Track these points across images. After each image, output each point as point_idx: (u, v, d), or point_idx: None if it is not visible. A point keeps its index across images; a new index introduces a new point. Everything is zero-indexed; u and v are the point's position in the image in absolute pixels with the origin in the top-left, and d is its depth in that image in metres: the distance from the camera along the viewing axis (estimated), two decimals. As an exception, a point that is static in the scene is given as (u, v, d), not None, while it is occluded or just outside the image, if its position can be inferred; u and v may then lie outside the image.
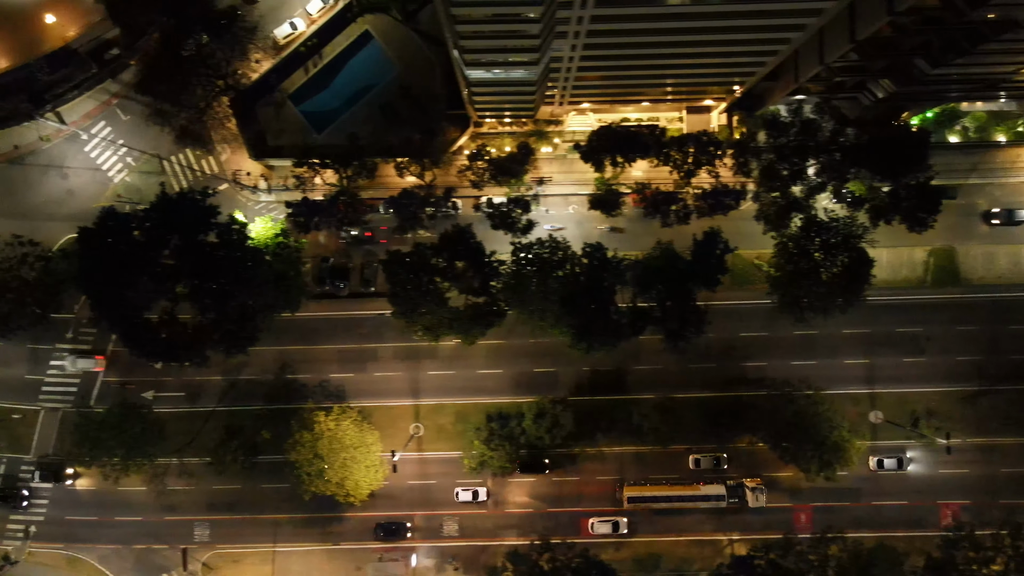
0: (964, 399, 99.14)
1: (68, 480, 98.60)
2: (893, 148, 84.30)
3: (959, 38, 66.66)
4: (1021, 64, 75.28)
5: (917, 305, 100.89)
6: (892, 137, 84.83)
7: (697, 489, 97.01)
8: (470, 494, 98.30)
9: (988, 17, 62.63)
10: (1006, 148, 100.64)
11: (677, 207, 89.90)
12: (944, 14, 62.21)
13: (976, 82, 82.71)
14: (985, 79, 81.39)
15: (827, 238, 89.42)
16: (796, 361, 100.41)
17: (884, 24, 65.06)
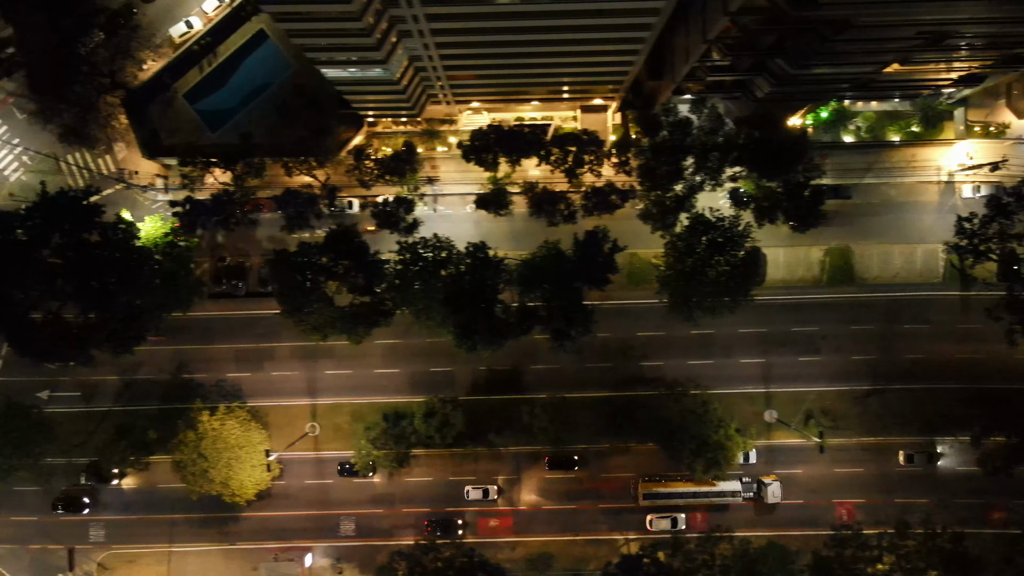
0: (857, 398, 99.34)
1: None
2: (772, 147, 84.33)
3: (808, 38, 66.68)
4: (880, 63, 75.35)
5: (813, 304, 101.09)
6: (771, 137, 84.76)
7: (713, 485, 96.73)
8: (480, 492, 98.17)
9: (821, 17, 62.53)
10: (900, 148, 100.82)
11: (561, 206, 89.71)
12: (777, 14, 62.16)
13: (847, 81, 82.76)
14: (855, 79, 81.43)
15: (714, 237, 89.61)
16: (693, 360, 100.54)
17: (729, 23, 65.08)
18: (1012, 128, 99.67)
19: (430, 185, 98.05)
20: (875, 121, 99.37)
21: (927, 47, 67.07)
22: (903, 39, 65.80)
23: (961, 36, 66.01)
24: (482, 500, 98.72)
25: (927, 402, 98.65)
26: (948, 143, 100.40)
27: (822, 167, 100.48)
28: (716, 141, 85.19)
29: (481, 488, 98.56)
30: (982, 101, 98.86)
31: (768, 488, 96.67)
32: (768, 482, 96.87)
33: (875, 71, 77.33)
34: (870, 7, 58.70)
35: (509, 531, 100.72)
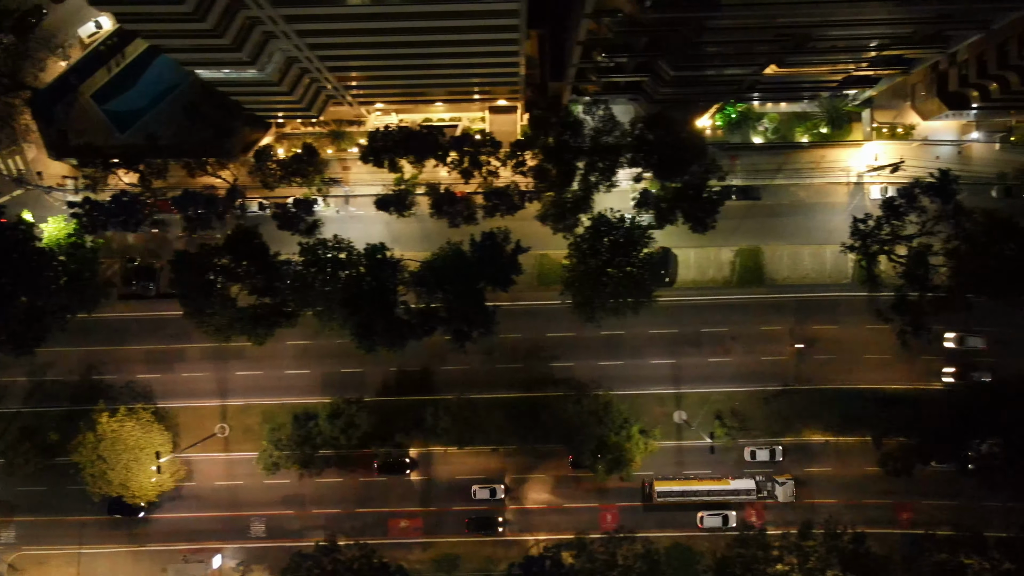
0: (766, 399, 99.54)
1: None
2: (668, 148, 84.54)
3: (675, 41, 66.85)
4: (755, 65, 75.51)
5: (724, 305, 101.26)
6: (667, 138, 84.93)
7: (727, 483, 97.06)
8: (487, 492, 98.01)
9: (668, 19, 62.40)
10: (809, 149, 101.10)
11: (460, 207, 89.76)
12: (633, 17, 62.31)
13: (731, 83, 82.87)
14: (737, 80, 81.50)
15: (616, 238, 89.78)
16: (603, 361, 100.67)
17: (593, 25, 65.14)
18: (918, 130, 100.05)
19: (336, 186, 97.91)
20: (780, 122, 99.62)
21: (794, 50, 67.28)
22: (766, 42, 65.98)
23: (825, 39, 66.22)
24: (489, 499, 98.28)
25: (835, 402, 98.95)
26: (856, 144, 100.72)
27: (732, 168, 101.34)
28: (607, 142, 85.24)
29: (488, 488, 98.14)
30: (889, 102, 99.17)
31: (780, 487, 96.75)
32: (782, 481, 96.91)
33: (754, 73, 77.44)
34: (718, 9, 58.86)
35: (420, 532, 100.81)
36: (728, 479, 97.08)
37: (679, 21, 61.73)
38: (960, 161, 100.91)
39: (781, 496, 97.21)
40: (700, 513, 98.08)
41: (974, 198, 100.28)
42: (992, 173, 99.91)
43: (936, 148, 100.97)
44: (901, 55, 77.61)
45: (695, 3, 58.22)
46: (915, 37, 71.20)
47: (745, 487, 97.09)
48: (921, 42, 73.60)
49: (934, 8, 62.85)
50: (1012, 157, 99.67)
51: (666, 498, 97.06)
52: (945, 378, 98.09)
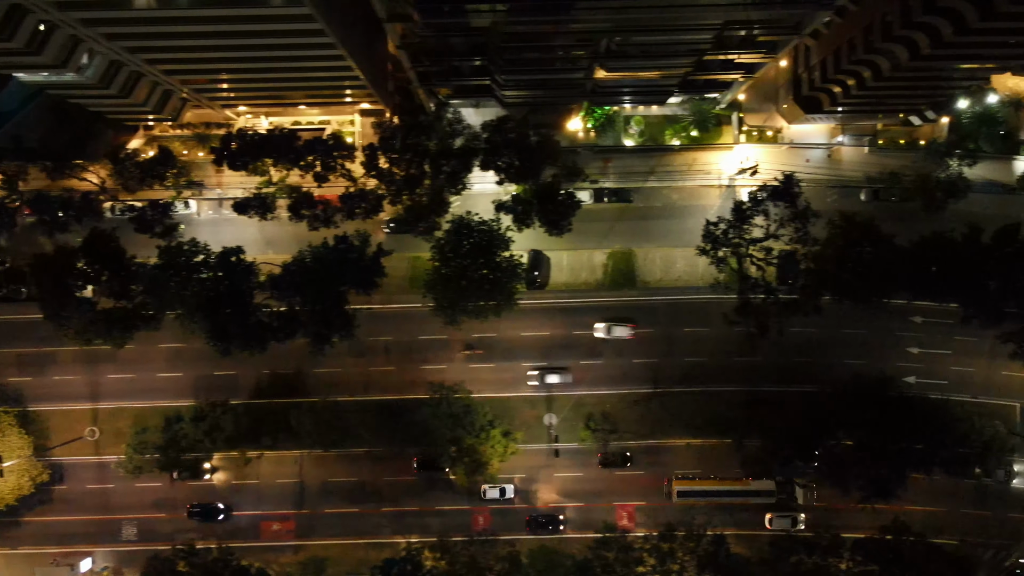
0: (637, 401, 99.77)
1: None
2: (520, 152, 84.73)
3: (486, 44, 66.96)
4: (582, 69, 75.54)
5: (596, 308, 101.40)
6: (518, 141, 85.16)
7: (747, 484, 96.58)
8: (497, 492, 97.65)
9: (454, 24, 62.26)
10: (681, 152, 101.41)
11: (313, 210, 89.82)
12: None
13: (576, 86, 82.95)
14: (582, 84, 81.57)
15: (477, 240, 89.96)
16: (475, 364, 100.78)
17: (401, 28, 65.20)
18: (786, 133, 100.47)
19: (199, 189, 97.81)
20: (651, 125, 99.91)
21: (610, 55, 67.51)
22: (571, 46, 66.22)
23: (634, 44, 66.34)
24: (499, 499, 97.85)
25: (706, 405, 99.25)
26: (727, 148, 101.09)
27: (605, 171, 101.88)
28: (455, 146, 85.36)
29: (498, 487, 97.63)
30: (760, 106, 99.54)
31: (800, 490, 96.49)
32: (802, 484, 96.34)
33: (586, 76, 77.34)
34: (501, 13, 58.93)
35: (292, 535, 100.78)
36: (748, 480, 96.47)
37: (461, 28, 61.92)
38: (829, 164, 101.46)
39: (801, 499, 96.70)
40: (768, 514, 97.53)
41: (844, 201, 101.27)
42: (861, 176, 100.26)
43: (807, 151, 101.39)
44: (733, 60, 77.95)
45: (456, 10, 58.30)
46: (730, 42, 71.45)
47: (766, 489, 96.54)
48: (741, 47, 73.88)
49: (721, 15, 62.95)
50: (880, 160, 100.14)
51: (685, 498, 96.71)
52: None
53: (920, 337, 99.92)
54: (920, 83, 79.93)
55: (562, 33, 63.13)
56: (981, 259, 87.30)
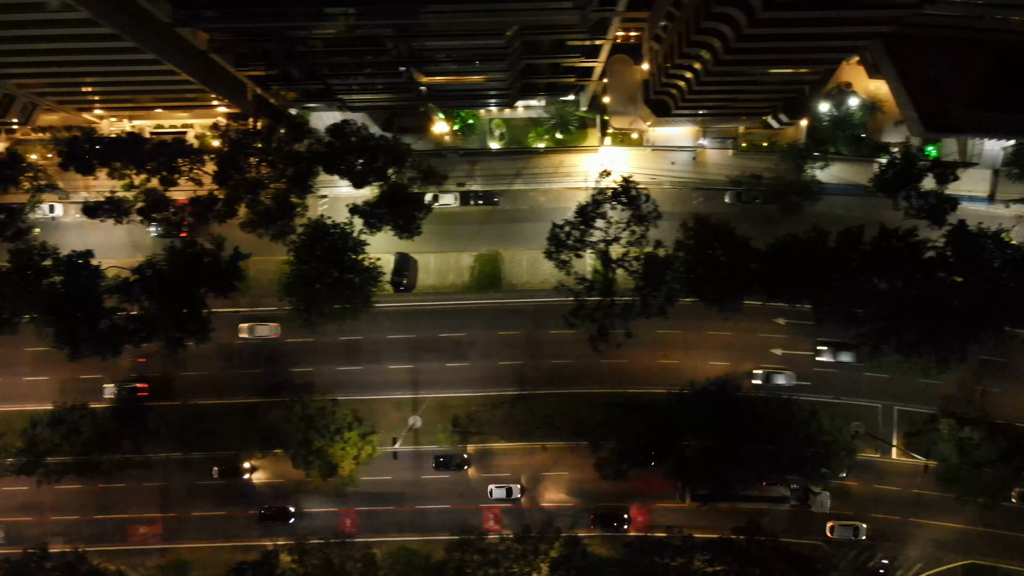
0: (503, 403, 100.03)
1: None
2: (360, 155, 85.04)
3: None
4: (397, 74, 75.45)
5: (463, 310, 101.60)
6: (364, 145, 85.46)
7: (763, 489, 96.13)
8: (504, 491, 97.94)
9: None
10: (547, 154, 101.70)
11: (164, 215, 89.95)
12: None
13: (410, 91, 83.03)
14: (417, 87, 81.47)
15: (332, 243, 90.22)
16: (342, 367, 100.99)
17: (204, 35, 65.48)
18: (650, 135, 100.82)
19: (61, 192, 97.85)
20: (512, 127, 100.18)
21: (417, 60, 67.88)
22: (358, 51, 66.36)
23: (426, 49, 66.35)
24: (506, 498, 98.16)
25: (571, 407, 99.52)
26: (592, 150, 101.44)
27: (471, 173, 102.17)
28: (293, 150, 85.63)
29: (504, 487, 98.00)
30: (625, 108, 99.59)
31: (816, 497, 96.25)
32: (817, 491, 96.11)
33: (407, 81, 77.16)
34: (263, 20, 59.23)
35: (159, 539, 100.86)
36: (764, 484, 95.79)
37: (254, 33, 62.11)
38: (695, 167, 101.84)
39: (815, 507, 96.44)
40: (830, 523, 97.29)
41: (709, 203, 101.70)
42: (726, 178, 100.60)
43: (673, 154, 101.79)
44: (561, 64, 78.33)
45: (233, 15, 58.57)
46: (542, 47, 71.65)
47: (780, 495, 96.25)
48: (556, 52, 74.12)
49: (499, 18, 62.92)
50: (744, 162, 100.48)
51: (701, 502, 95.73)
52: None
53: (783, 339, 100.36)
54: (744, 86, 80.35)
55: (349, 38, 63.35)
56: (828, 261, 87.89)
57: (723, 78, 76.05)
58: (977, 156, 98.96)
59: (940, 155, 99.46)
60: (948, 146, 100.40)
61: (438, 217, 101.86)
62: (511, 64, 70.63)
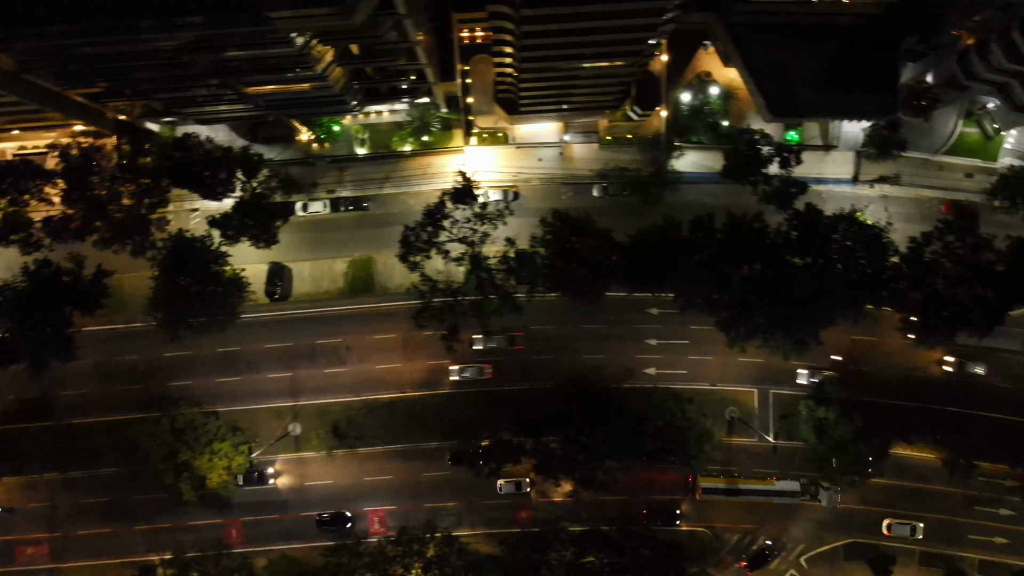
0: (383, 406, 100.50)
1: None
2: (196, 167, 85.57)
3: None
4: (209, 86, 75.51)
5: (338, 316, 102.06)
6: (197, 157, 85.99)
7: (772, 483, 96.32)
8: (513, 486, 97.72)
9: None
10: (413, 157, 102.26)
11: (24, 235, 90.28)
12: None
13: (245, 101, 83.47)
14: (256, 99, 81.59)
15: (193, 257, 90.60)
16: (221, 378, 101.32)
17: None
18: (516, 133, 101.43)
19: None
20: (378, 132, 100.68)
21: (225, 72, 68.46)
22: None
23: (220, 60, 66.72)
24: (515, 493, 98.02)
25: (449, 406, 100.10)
26: (458, 151, 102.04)
27: (341, 180, 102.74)
28: (137, 164, 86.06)
29: (514, 481, 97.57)
30: (489, 108, 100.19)
31: (825, 492, 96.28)
32: (827, 487, 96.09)
33: (237, 94, 77.39)
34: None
35: (46, 558, 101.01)
36: (773, 479, 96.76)
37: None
38: (562, 162, 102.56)
39: (825, 501, 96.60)
40: (887, 520, 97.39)
41: (578, 197, 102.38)
42: (592, 172, 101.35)
43: (540, 150, 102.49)
44: (387, 69, 79.04)
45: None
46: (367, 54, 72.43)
47: (790, 488, 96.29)
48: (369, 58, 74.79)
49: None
50: (610, 155, 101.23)
51: (710, 495, 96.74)
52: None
53: (658, 328, 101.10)
54: (569, 80, 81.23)
55: (144, 53, 63.79)
56: (681, 250, 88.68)
57: (540, 74, 76.88)
58: (836, 139, 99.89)
59: (803, 139, 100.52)
60: (811, 130, 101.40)
61: (310, 225, 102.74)
62: (326, 70, 71.08)
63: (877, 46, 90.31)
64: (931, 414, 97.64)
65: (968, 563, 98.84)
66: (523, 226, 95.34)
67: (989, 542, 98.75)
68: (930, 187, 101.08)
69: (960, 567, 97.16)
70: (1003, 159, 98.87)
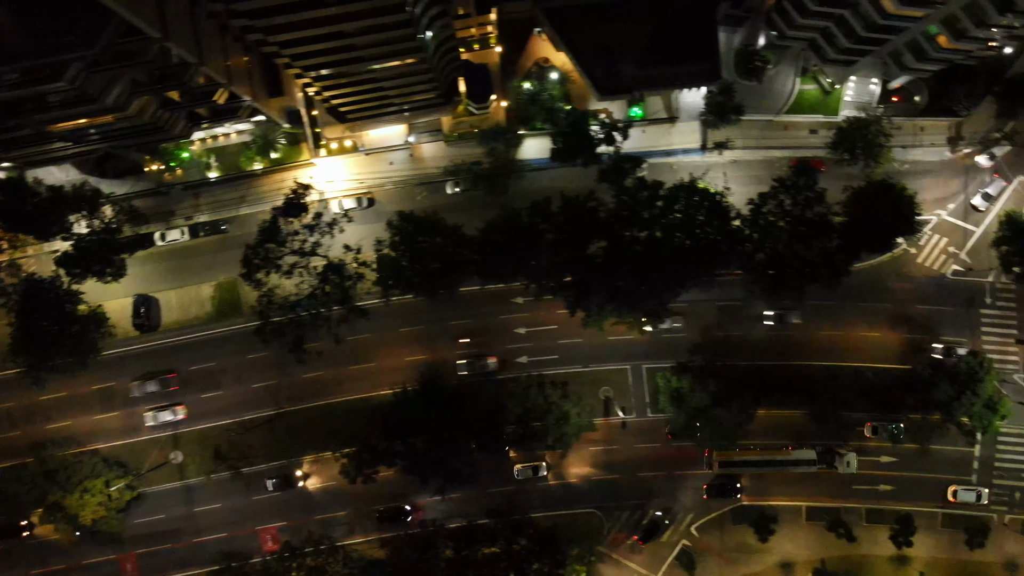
0: (263, 424, 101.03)
1: None
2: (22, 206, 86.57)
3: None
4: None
5: (210, 340, 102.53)
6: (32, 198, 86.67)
7: (787, 453, 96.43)
8: (530, 471, 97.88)
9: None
10: (265, 175, 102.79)
11: None
12: None
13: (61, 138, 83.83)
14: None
15: (51, 300, 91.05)
16: (100, 415, 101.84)
17: None
18: (366, 140, 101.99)
19: None
20: (227, 154, 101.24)
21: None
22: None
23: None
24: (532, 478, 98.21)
25: (328, 417, 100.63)
26: (309, 164, 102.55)
27: (197, 206, 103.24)
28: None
29: (531, 466, 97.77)
30: (333, 119, 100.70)
31: (844, 459, 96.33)
32: (843, 453, 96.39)
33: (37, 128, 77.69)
34: None
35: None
36: (789, 448, 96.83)
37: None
38: (413, 163, 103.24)
39: (841, 468, 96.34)
40: (952, 487, 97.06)
41: (433, 196, 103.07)
42: (442, 170, 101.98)
43: (389, 154, 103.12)
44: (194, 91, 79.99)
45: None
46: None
47: (806, 457, 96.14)
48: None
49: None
50: (459, 151, 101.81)
51: (727, 468, 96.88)
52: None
53: (525, 317, 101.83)
54: (374, 83, 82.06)
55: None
56: (525, 237, 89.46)
57: (335, 80, 77.93)
58: (678, 110, 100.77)
59: (646, 114, 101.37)
60: (654, 104, 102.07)
61: (171, 253, 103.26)
62: (119, 101, 71.38)
63: (694, 16, 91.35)
64: (794, 371, 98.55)
65: (856, 513, 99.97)
66: (377, 231, 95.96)
67: (873, 490, 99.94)
68: (779, 147, 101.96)
69: (844, 519, 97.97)
70: (844, 112, 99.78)
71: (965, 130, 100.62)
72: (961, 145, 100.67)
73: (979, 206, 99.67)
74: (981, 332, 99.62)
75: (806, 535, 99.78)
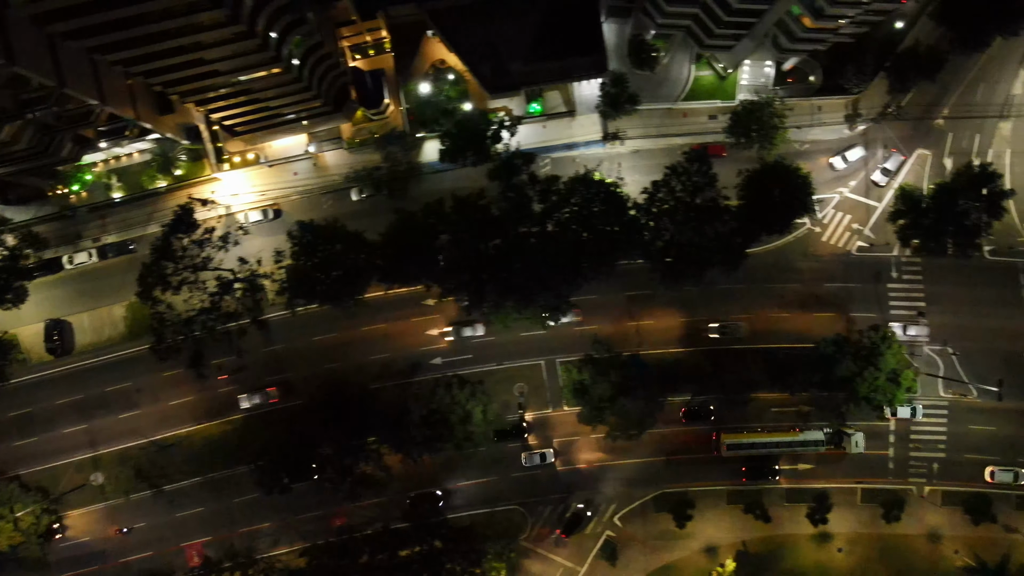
0: (181, 441, 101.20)
1: None
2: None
3: None
4: None
5: (125, 360, 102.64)
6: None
7: (796, 435, 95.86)
8: (537, 458, 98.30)
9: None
10: (170, 193, 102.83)
11: None
12: None
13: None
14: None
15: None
16: (17, 441, 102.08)
17: None
18: (267, 152, 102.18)
19: None
20: (130, 173, 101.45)
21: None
22: None
23: None
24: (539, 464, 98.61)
25: (244, 432, 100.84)
26: (213, 179, 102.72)
27: (104, 228, 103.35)
28: None
29: (537, 454, 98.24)
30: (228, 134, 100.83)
31: (852, 438, 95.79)
32: (850, 432, 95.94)
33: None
34: None
35: None
36: (797, 430, 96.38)
37: None
38: (317, 172, 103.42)
39: (850, 448, 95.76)
40: (990, 468, 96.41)
41: (338, 204, 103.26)
42: (344, 177, 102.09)
43: (293, 165, 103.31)
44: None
45: None
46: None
47: (814, 438, 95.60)
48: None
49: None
50: (361, 158, 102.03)
51: (735, 451, 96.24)
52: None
53: (436, 319, 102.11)
54: (253, 94, 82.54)
55: None
56: (422, 238, 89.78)
57: (206, 95, 78.35)
58: (576, 104, 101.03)
59: (545, 109, 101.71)
60: (553, 99, 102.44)
61: (81, 276, 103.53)
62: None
63: (578, 10, 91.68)
64: (704, 357, 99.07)
65: (776, 493, 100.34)
66: (281, 243, 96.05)
67: (794, 469, 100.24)
68: (680, 135, 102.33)
69: (762, 501, 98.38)
70: (740, 96, 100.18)
71: (862, 106, 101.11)
72: (859, 122, 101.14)
73: (879, 181, 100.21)
74: (889, 306, 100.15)
75: (729, 519, 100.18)
